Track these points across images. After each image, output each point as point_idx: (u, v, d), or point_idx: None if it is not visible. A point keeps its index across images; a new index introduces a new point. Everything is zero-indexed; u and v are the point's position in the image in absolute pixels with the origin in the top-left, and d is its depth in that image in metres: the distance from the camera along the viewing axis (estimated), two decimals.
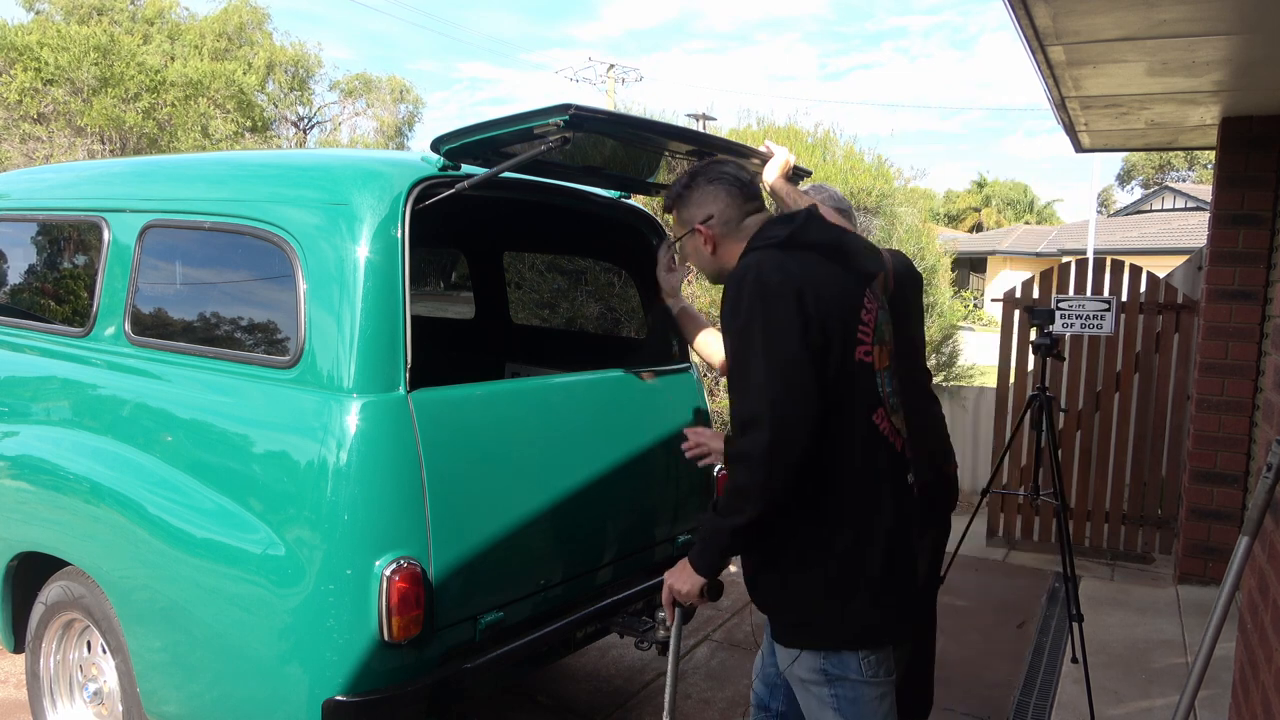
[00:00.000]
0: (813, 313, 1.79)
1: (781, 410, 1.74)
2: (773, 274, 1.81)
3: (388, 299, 2.18)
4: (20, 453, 2.79)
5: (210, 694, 2.33)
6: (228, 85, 15.56)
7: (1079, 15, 3.12)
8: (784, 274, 1.81)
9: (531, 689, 3.55)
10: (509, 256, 4.27)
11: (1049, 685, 3.71)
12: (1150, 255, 19.32)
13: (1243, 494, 4.81)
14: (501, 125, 2.16)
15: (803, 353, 1.76)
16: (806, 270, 1.84)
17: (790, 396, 1.74)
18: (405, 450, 2.15)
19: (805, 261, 1.86)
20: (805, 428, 1.74)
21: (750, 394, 1.78)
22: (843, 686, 1.90)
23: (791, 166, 2.47)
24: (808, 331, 1.77)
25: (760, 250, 1.90)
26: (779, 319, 1.77)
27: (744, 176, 2.05)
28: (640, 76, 37.85)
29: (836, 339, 1.82)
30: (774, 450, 1.73)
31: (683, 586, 1.92)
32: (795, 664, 1.94)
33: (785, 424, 1.73)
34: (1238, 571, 2.05)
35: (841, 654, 1.88)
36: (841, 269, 1.91)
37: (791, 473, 1.74)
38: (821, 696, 1.93)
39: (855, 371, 1.85)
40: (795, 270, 1.82)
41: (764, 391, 1.75)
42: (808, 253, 1.89)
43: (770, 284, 1.79)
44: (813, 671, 1.91)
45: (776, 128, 7.88)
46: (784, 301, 1.77)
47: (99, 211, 2.83)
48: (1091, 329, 4.81)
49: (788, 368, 1.75)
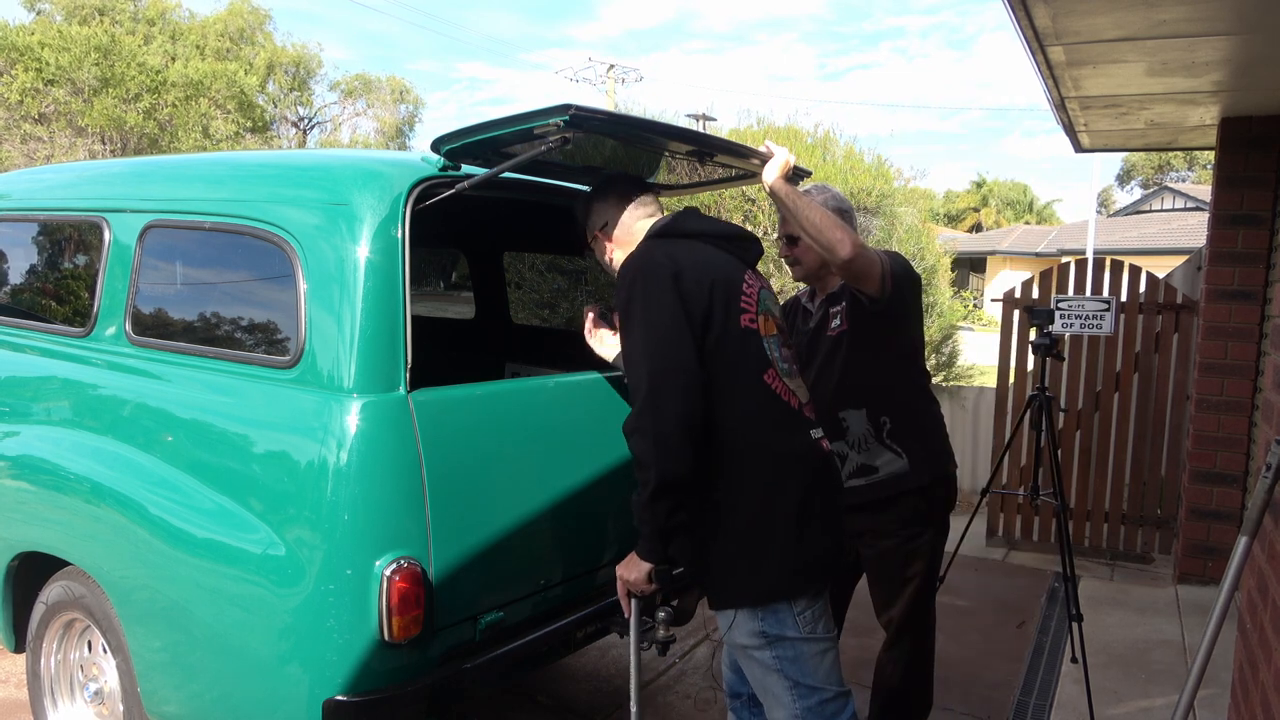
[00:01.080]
0: (690, 288, 1.97)
1: (659, 380, 1.89)
2: (652, 261, 2.02)
3: (388, 299, 2.18)
4: (21, 453, 2.79)
5: (211, 694, 2.33)
6: (229, 86, 15.57)
7: (1079, 15, 3.12)
8: (663, 258, 2.02)
9: (531, 689, 3.55)
10: (509, 256, 4.27)
11: (1049, 685, 3.72)
12: (1150, 255, 19.33)
13: (1242, 494, 4.81)
14: (502, 125, 2.16)
15: (678, 327, 1.92)
16: (684, 254, 2.04)
17: (667, 366, 1.89)
18: (405, 450, 2.16)
19: (682, 247, 2.08)
20: (683, 393, 1.88)
21: (636, 368, 1.93)
22: (782, 647, 1.98)
23: (791, 167, 2.47)
24: (685, 306, 1.94)
25: (644, 242, 2.16)
26: (656, 298, 1.95)
27: (636, 190, 2.31)
28: (640, 77, 37.82)
29: (719, 308, 2.00)
30: (657, 417, 1.86)
31: (630, 575, 2.02)
32: (733, 629, 2.03)
33: (663, 392, 1.88)
34: (1237, 571, 2.05)
35: (775, 609, 1.97)
36: (718, 252, 2.13)
37: (678, 436, 1.87)
38: (764, 660, 2.02)
39: (742, 335, 2.02)
40: (674, 254, 2.03)
41: (643, 364, 1.91)
42: (685, 240, 2.12)
43: (649, 270, 2.00)
44: (752, 635, 2.00)
45: (776, 128, 7.88)
46: (661, 283, 1.96)
47: (100, 212, 2.83)
48: (1091, 329, 4.81)
49: (664, 342, 1.91)
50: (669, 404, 1.87)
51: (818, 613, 2.02)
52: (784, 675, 2.00)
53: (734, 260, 2.14)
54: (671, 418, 1.86)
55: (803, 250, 2.65)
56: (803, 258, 2.68)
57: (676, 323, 1.93)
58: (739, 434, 1.98)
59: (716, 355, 1.97)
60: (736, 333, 2.01)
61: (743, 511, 1.98)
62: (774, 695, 2.07)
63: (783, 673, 2.00)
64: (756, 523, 1.97)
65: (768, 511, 1.97)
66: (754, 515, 1.98)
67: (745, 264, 2.17)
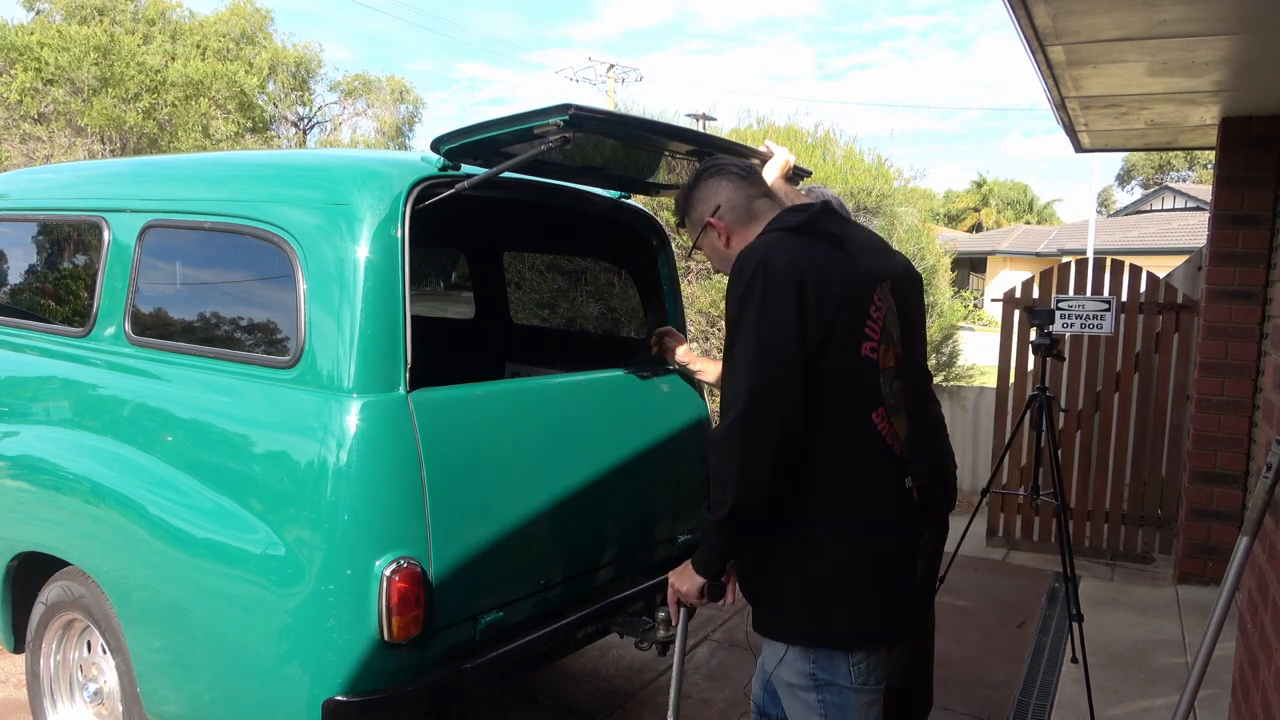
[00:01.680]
0: (813, 302, 1.75)
1: (760, 398, 1.71)
2: (779, 259, 1.77)
3: (388, 299, 2.18)
4: (21, 453, 2.79)
5: (210, 694, 2.33)
6: (228, 85, 15.57)
7: (1079, 15, 3.12)
8: (790, 260, 1.77)
9: (531, 689, 3.55)
10: (509, 256, 4.27)
11: (1049, 685, 3.71)
12: (1150, 255, 19.31)
13: (1242, 494, 4.81)
14: (502, 125, 2.16)
15: (792, 344, 1.73)
16: (815, 259, 1.79)
17: (771, 387, 1.72)
18: (405, 450, 2.15)
19: (816, 250, 1.82)
20: (781, 422, 1.71)
21: (735, 378, 1.76)
22: (830, 692, 1.86)
23: (791, 167, 2.47)
24: (803, 322, 1.74)
25: (773, 233, 1.86)
26: (775, 307, 1.74)
27: (745, 165, 2.05)
28: (640, 77, 37.86)
29: (839, 331, 1.78)
30: (748, 441, 1.71)
31: (683, 586, 1.92)
32: (782, 666, 1.90)
33: (761, 414, 1.71)
34: (1237, 571, 2.05)
35: (831, 656, 1.84)
36: (853, 263, 1.87)
37: (766, 463, 1.71)
38: (809, 702, 1.89)
39: (859, 367, 1.81)
40: (803, 258, 1.78)
41: (746, 377, 1.73)
42: (820, 242, 1.85)
43: (774, 269, 1.76)
44: (800, 676, 1.87)
45: (777, 128, 7.89)
46: (784, 290, 1.74)
47: (99, 211, 2.83)
48: (1091, 329, 4.81)
49: (773, 357, 1.73)
50: (764, 429, 1.70)
51: (873, 665, 1.88)
52: (825, 711, 1.89)
53: (869, 275, 1.89)
54: (764, 446, 1.70)
55: None
56: None
57: (792, 339, 1.73)
58: (832, 472, 1.80)
59: (825, 384, 1.77)
60: (853, 362, 1.80)
61: (821, 553, 1.82)
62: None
63: (826, 717, 1.89)
64: (833, 567, 1.82)
65: (842, 560, 1.81)
66: (831, 559, 1.82)
67: (881, 279, 1.93)
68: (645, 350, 3.26)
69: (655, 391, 3.01)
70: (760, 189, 2.02)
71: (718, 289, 7.04)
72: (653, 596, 2.85)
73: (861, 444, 1.82)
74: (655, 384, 3.00)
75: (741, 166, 2.03)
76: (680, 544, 3.04)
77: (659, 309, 3.24)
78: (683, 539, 3.05)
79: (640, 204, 3.34)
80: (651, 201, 6.63)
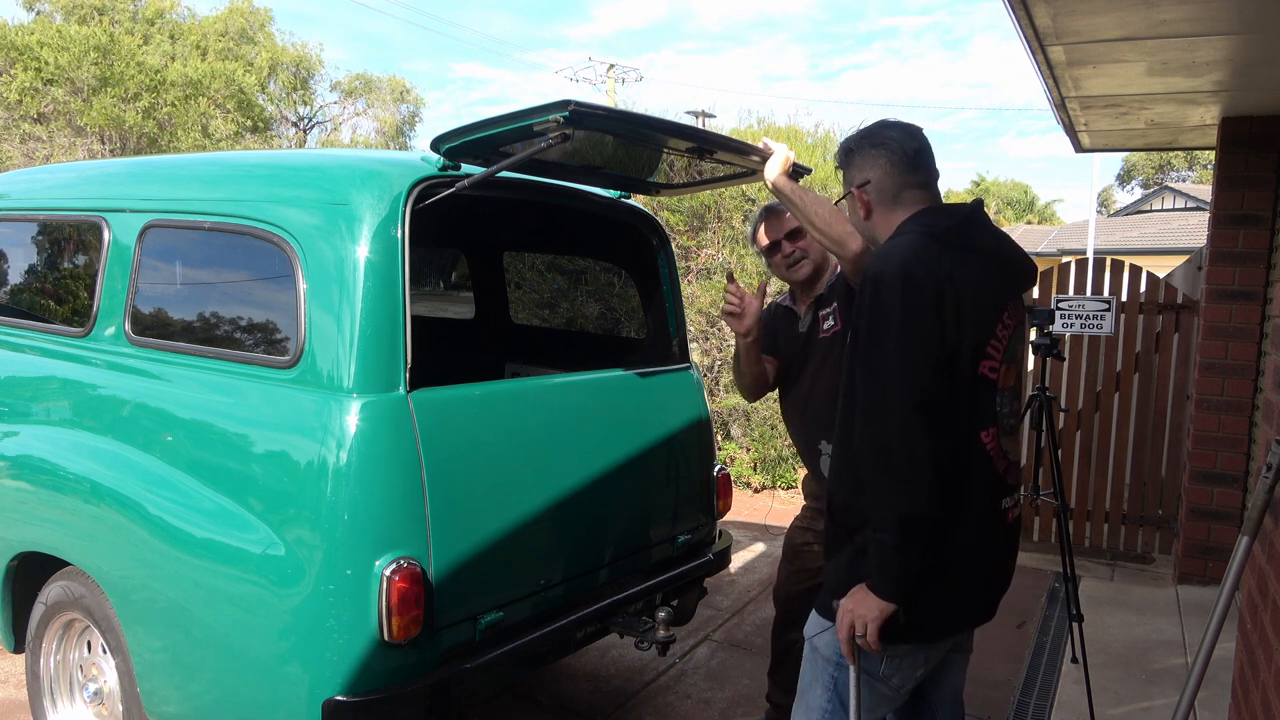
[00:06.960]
0: (949, 319, 1.73)
1: (915, 405, 1.68)
2: (919, 271, 1.73)
3: (388, 299, 2.18)
4: (20, 453, 2.79)
5: (210, 694, 2.33)
6: (228, 85, 15.58)
7: (1079, 15, 3.12)
8: (930, 270, 1.74)
9: (531, 689, 3.55)
10: (509, 256, 4.27)
11: (1049, 685, 3.71)
12: (1150, 255, 19.30)
13: (1243, 494, 4.81)
14: (502, 123, 2.15)
15: (937, 352, 1.71)
16: (956, 271, 1.76)
17: (924, 395, 1.69)
18: (405, 450, 2.15)
19: (957, 262, 1.77)
20: (932, 428, 1.68)
21: (879, 383, 1.72)
22: (849, 674, 1.87)
23: (791, 163, 2.47)
24: (941, 335, 1.72)
25: (915, 235, 1.81)
26: (916, 313, 1.71)
27: (910, 146, 1.93)
28: (640, 76, 37.88)
29: (966, 349, 1.76)
30: (909, 451, 1.67)
31: (869, 613, 1.75)
32: (820, 636, 1.91)
33: (918, 423, 1.68)
34: (1237, 571, 2.05)
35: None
36: (990, 279, 1.83)
37: (929, 475, 1.67)
38: (828, 671, 1.92)
39: (976, 385, 1.79)
40: (944, 269, 1.75)
41: (897, 383, 1.69)
42: (963, 254, 1.80)
43: (915, 283, 1.72)
44: (835, 651, 1.88)
45: (777, 127, 7.91)
46: (923, 307, 1.71)
47: (99, 211, 2.83)
48: (1091, 329, 4.81)
49: (922, 368, 1.70)
50: (921, 438, 1.67)
51: (905, 665, 1.86)
52: (835, 694, 1.90)
53: (1002, 293, 1.86)
54: (925, 456, 1.67)
55: (809, 242, 2.68)
56: (810, 249, 2.71)
57: (937, 349, 1.71)
58: None
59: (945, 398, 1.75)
60: (971, 380, 1.77)
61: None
62: (808, 701, 1.98)
63: (835, 692, 1.90)
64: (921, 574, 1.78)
65: (928, 572, 1.76)
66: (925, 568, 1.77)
67: (1013, 295, 1.90)
68: (645, 350, 3.26)
69: (655, 391, 3.00)
70: (917, 178, 1.93)
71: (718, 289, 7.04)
72: (652, 596, 2.85)
73: (967, 461, 1.79)
74: (655, 384, 3.00)
75: (905, 148, 1.92)
76: (680, 544, 3.04)
77: (659, 309, 3.24)
78: (682, 539, 3.05)
79: (640, 203, 3.34)
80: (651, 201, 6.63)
